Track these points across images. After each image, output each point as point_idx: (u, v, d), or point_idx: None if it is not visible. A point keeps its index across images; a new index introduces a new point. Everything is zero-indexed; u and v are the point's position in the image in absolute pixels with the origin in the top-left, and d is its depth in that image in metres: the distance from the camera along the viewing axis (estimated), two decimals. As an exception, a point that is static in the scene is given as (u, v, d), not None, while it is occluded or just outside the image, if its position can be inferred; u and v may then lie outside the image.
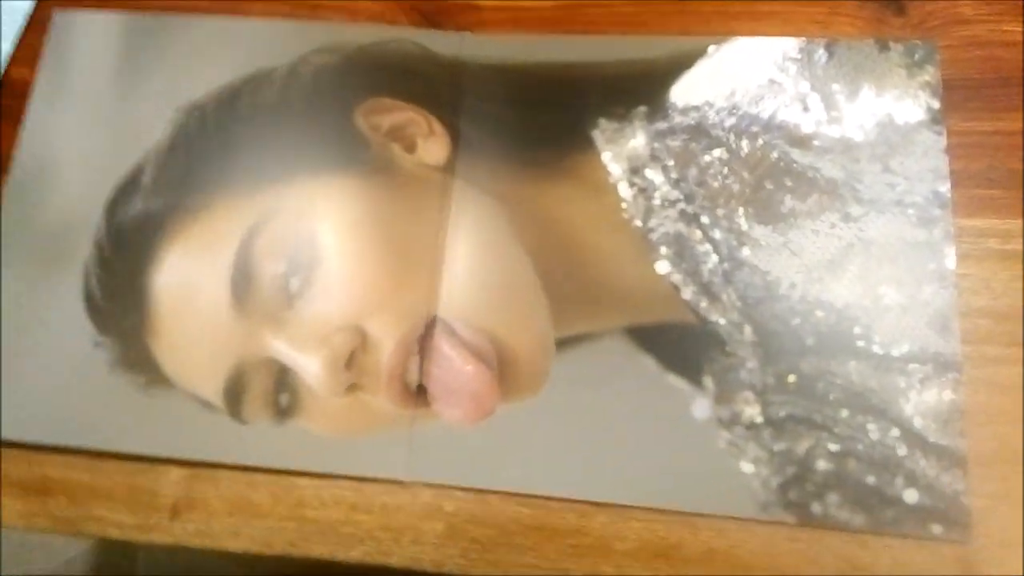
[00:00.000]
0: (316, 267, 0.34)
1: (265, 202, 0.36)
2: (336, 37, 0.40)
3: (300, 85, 0.39)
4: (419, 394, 0.34)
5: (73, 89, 0.40)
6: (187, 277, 0.35)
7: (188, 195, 0.37)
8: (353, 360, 0.34)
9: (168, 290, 0.35)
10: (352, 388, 0.34)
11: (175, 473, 0.34)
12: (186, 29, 0.41)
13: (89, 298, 0.37)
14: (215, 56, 0.40)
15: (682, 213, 0.35)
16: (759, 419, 0.32)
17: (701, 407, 0.32)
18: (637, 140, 0.36)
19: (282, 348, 0.34)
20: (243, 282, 0.34)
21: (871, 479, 0.31)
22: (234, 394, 0.34)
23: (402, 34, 0.40)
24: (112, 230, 0.37)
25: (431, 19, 0.40)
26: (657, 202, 0.35)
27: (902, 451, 0.31)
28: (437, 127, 0.38)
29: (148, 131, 0.38)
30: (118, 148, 0.38)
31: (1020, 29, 0.36)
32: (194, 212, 0.36)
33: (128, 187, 0.38)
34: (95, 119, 0.39)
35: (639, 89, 0.37)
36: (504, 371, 0.33)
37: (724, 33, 0.38)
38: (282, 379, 0.34)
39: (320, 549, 0.33)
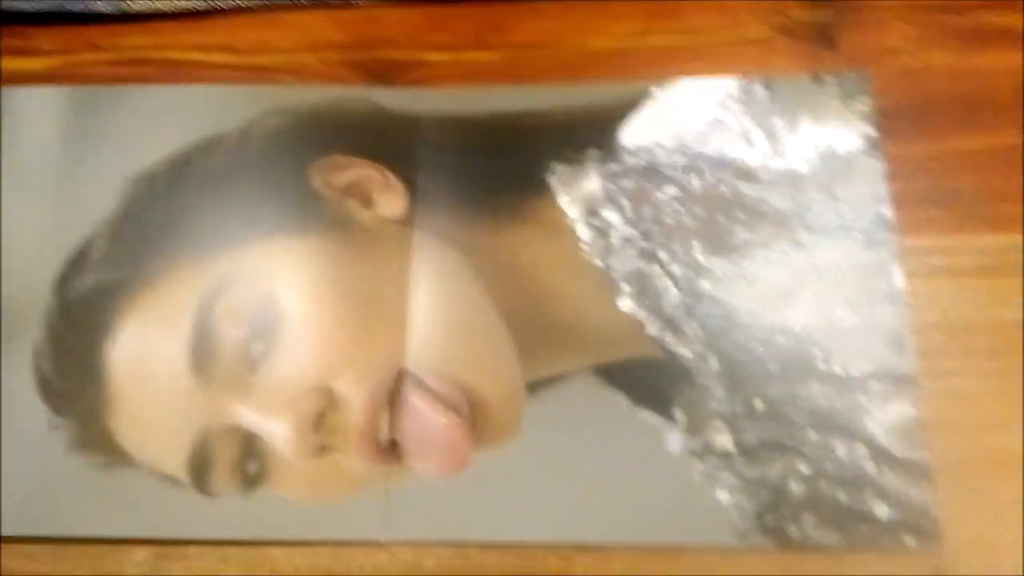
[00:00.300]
0: (278, 330, 0.34)
1: (222, 267, 0.36)
2: (287, 99, 0.40)
3: (253, 148, 0.39)
4: (392, 450, 0.33)
5: (17, 165, 0.40)
6: (144, 349, 0.35)
7: (141, 266, 0.36)
8: (322, 421, 0.33)
9: (125, 364, 0.35)
10: (323, 450, 0.33)
11: (141, 554, 0.33)
12: (133, 99, 0.41)
13: (42, 380, 0.35)
14: (164, 125, 0.40)
15: (641, 251, 0.36)
16: (731, 447, 0.32)
17: (674, 440, 0.33)
18: (592, 182, 0.37)
19: (247, 414, 0.33)
20: (203, 349, 0.34)
21: (843, 497, 0.31)
22: (199, 467, 0.33)
23: (354, 93, 0.40)
24: (63, 307, 0.36)
25: (381, 77, 0.41)
26: (615, 241, 0.36)
27: (870, 468, 0.31)
28: (393, 180, 0.38)
29: (97, 204, 0.38)
30: (67, 223, 0.38)
31: (945, 56, 0.39)
32: (148, 282, 0.36)
33: (78, 261, 0.37)
34: (42, 195, 0.39)
35: (590, 133, 0.38)
36: (476, 419, 0.33)
37: (666, 75, 0.39)
38: (249, 447, 0.33)
39: (300, 619, 0.32)
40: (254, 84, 0.41)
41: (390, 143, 0.39)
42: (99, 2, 0.43)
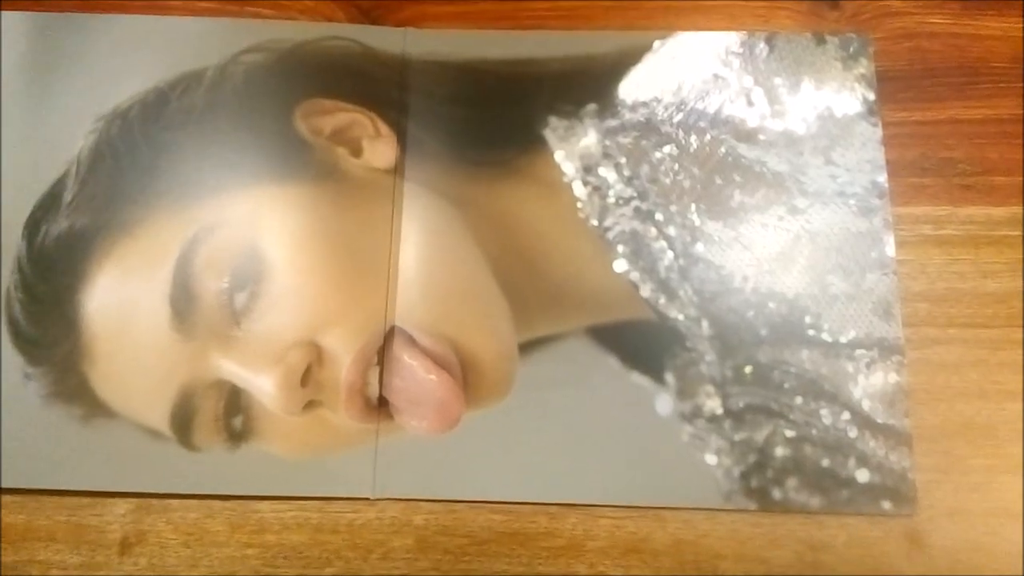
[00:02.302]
0: (263, 281, 0.33)
1: (203, 214, 0.34)
2: (268, 34, 0.38)
3: (232, 87, 0.36)
4: (381, 407, 0.33)
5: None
6: (122, 298, 0.33)
7: (117, 210, 0.34)
8: (309, 376, 0.32)
9: (102, 313, 0.33)
10: (310, 405, 0.33)
11: (122, 506, 0.33)
12: (104, 28, 0.38)
13: (14, 327, 0.34)
14: (137, 57, 0.37)
15: (637, 211, 0.35)
16: (719, 411, 0.33)
17: (664, 403, 0.33)
18: (589, 138, 0.36)
19: (232, 368, 0.32)
20: (184, 300, 0.32)
21: (826, 462, 0.32)
22: (183, 420, 0.33)
23: (340, 31, 0.38)
24: (34, 252, 0.34)
25: (370, 15, 0.39)
26: (612, 200, 0.35)
27: (853, 433, 0.32)
28: (383, 128, 0.36)
29: (67, 141, 0.35)
30: (35, 162, 0.35)
31: (946, 21, 0.38)
32: (125, 228, 0.34)
33: (49, 204, 0.35)
34: (7, 130, 0.36)
35: (588, 86, 0.37)
36: (468, 378, 0.33)
37: (668, 28, 0.38)
38: (234, 401, 0.33)
39: (287, 572, 0.32)
40: (233, 16, 0.38)
41: (379, 87, 0.37)
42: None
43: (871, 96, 0.36)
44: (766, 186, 0.35)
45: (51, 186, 0.35)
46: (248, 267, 0.33)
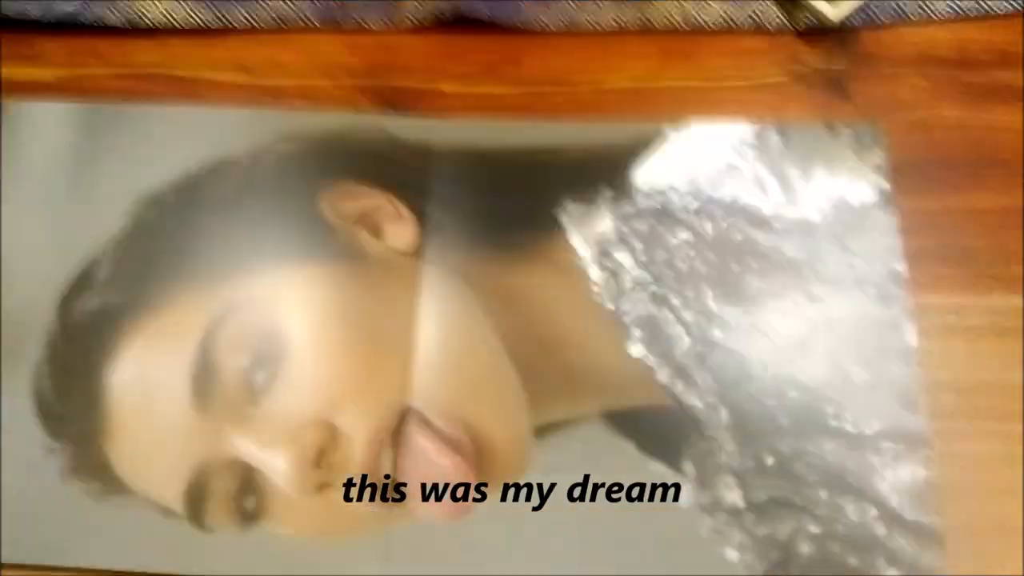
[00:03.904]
0: (282, 360, 0.33)
1: (228, 294, 0.35)
2: (300, 125, 0.39)
3: (264, 173, 0.38)
4: (394, 491, 0.33)
5: (25, 182, 0.39)
6: (146, 375, 0.34)
7: (147, 289, 0.35)
8: (323, 457, 0.32)
9: (125, 389, 0.34)
10: (323, 487, 0.32)
11: (131, 587, 0.32)
12: (143, 118, 0.40)
13: (40, 401, 0.34)
14: (174, 145, 0.39)
15: (653, 295, 0.35)
16: (741, 504, 0.32)
17: (684, 494, 0.32)
18: (604, 223, 0.37)
19: (247, 447, 0.33)
20: (205, 378, 0.33)
21: (853, 560, 0.31)
22: (196, 499, 0.32)
23: (367, 120, 0.40)
24: (65, 327, 0.35)
25: (395, 104, 0.41)
26: (628, 284, 0.35)
27: (881, 531, 0.31)
28: (405, 211, 0.37)
29: (104, 224, 0.37)
30: (72, 242, 0.37)
31: (957, 112, 0.39)
32: (153, 307, 0.35)
33: (83, 282, 0.36)
34: (48, 213, 0.38)
35: (603, 173, 0.38)
36: (481, 462, 0.32)
37: (680, 117, 0.39)
38: (247, 481, 0.33)
39: (291, 664, 0.31)
40: (266, 107, 0.41)
41: (402, 173, 0.38)
42: (109, 13, 0.42)
43: (885, 185, 0.37)
44: (782, 273, 0.35)
45: (86, 265, 0.37)
46: (269, 346, 0.33)
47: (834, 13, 0.40)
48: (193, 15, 0.42)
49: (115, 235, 0.37)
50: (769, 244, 0.36)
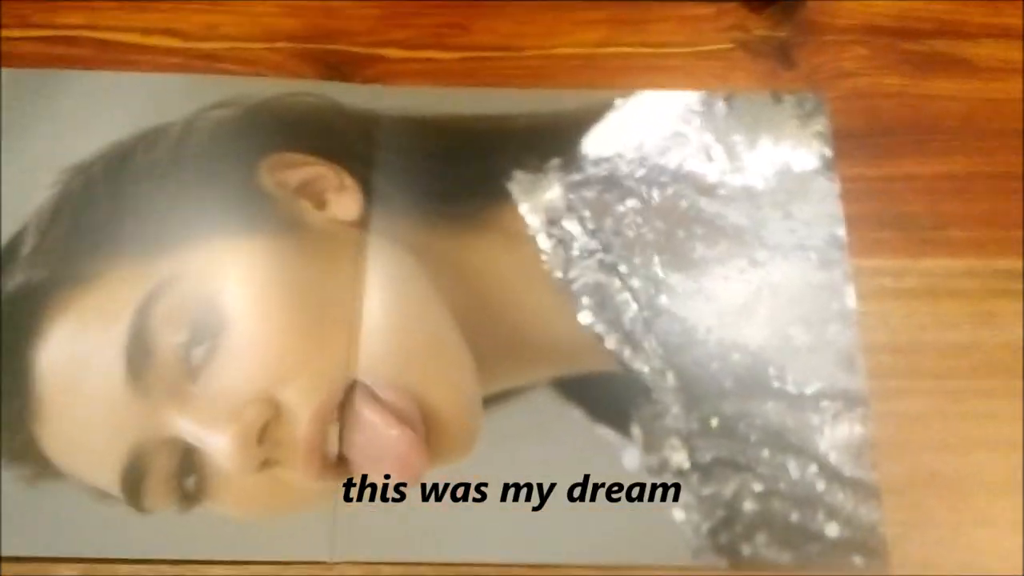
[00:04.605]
0: (221, 335, 0.32)
1: (163, 268, 0.34)
2: (236, 90, 0.38)
3: (198, 141, 0.37)
4: (340, 465, 0.32)
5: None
6: (76, 353, 0.32)
7: (75, 264, 0.34)
8: (266, 433, 0.31)
9: (55, 369, 0.32)
10: (266, 464, 0.32)
11: (69, 572, 0.31)
12: (70, 84, 0.38)
13: None
14: (104, 113, 0.37)
15: (600, 263, 0.35)
16: (686, 465, 0.32)
17: (631, 457, 0.32)
18: (553, 191, 0.36)
19: (186, 426, 0.31)
20: (140, 355, 0.32)
21: (795, 516, 0.31)
22: (133, 481, 0.31)
23: (308, 87, 0.39)
24: (-12, 305, 0.33)
25: (337, 70, 0.39)
26: (576, 253, 0.35)
27: (821, 487, 0.32)
28: (348, 181, 0.36)
29: (29, 195, 0.35)
30: (-6, 214, 0.35)
31: (899, 81, 0.39)
32: (83, 282, 0.33)
33: (6, 257, 0.34)
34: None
35: (552, 141, 0.37)
36: (431, 433, 0.32)
37: (629, 87, 0.39)
38: (187, 460, 0.32)
39: (238, 641, 0.30)
40: (200, 72, 0.39)
41: (345, 141, 0.37)
42: (30, -26, 0.40)
43: (828, 152, 0.37)
44: (727, 239, 0.36)
45: (10, 239, 0.35)
46: (207, 321, 0.32)
47: (778, -20, 0.40)
48: (121, -25, 0.40)
49: (40, 207, 0.35)
50: (714, 211, 0.36)
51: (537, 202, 0.36)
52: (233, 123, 0.37)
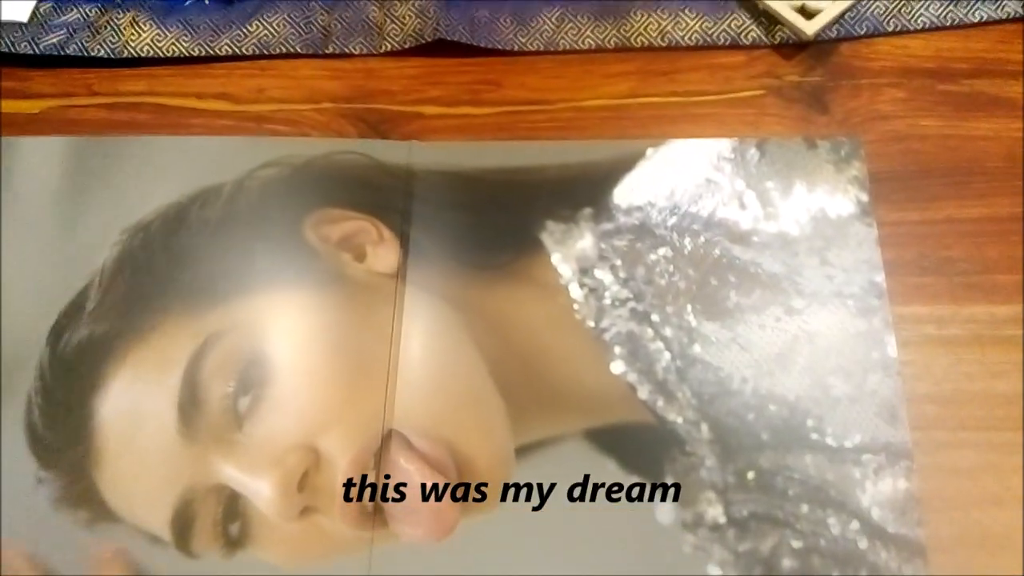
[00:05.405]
0: (266, 385, 0.34)
1: (213, 320, 0.35)
2: (284, 151, 0.40)
3: (247, 200, 0.39)
4: (376, 514, 0.33)
5: (18, 215, 0.39)
6: (133, 403, 0.34)
7: (134, 317, 0.36)
8: (306, 481, 0.33)
9: (114, 418, 0.34)
10: (306, 511, 0.33)
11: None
12: (131, 150, 0.41)
13: (31, 430, 0.35)
14: (161, 176, 0.40)
15: (633, 312, 0.35)
16: (722, 519, 0.32)
17: (665, 511, 0.32)
18: (585, 241, 0.37)
19: (231, 472, 0.33)
20: (191, 405, 0.33)
21: (836, 574, 0.31)
22: (182, 525, 0.33)
23: (350, 145, 0.40)
24: (55, 357, 0.36)
25: (377, 129, 0.41)
26: (608, 302, 0.36)
27: (863, 544, 0.31)
28: (387, 234, 0.38)
29: (94, 255, 0.38)
30: (64, 273, 0.37)
31: (936, 123, 0.39)
32: (141, 334, 0.35)
33: (73, 312, 0.37)
34: (41, 245, 0.39)
35: (584, 191, 0.38)
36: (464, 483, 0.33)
37: (660, 136, 0.39)
38: (232, 506, 0.33)
39: None
40: (250, 134, 0.41)
41: (384, 196, 0.39)
42: (98, 46, 0.43)
43: (864, 197, 0.37)
44: (762, 287, 0.35)
45: (76, 296, 0.37)
46: (253, 372, 0.34)
47: (809, 27, 0.40)
48: (178, 44, 0.43)
49: (103, 265, 0.37)
50: (748, 258, 0.36)
51: (569, 252, 0.37)
52: (280, 182, 0.39)
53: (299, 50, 0.43)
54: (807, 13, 0.41)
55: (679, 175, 0.38)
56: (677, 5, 0.42)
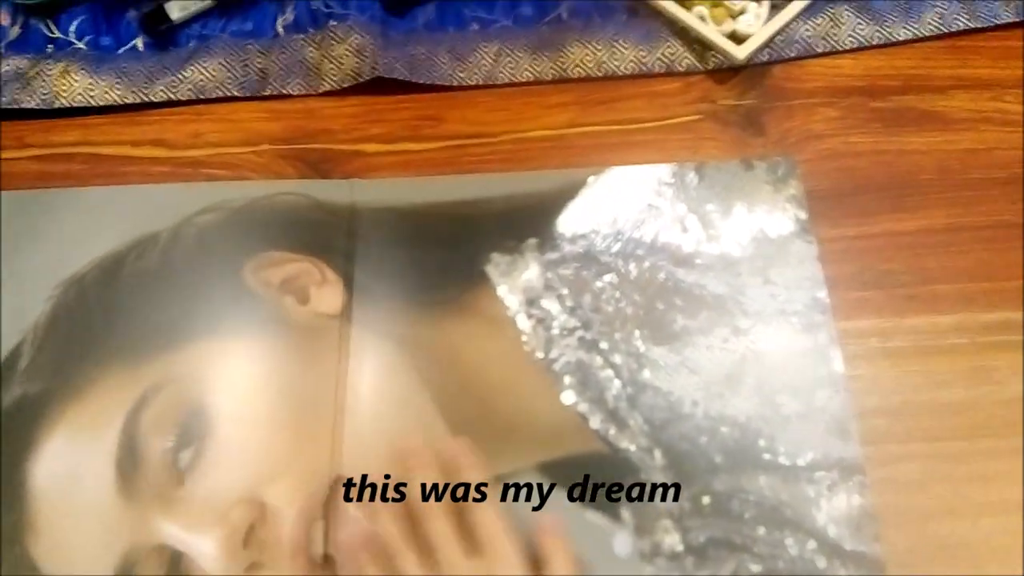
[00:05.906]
0: (208, 438, 0.33)
1: (152, 373, 0.34)
2: (222, 195, 0.39)
3: (185, 247, 0.38)
4: (326, 565, 0.32)
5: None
6: (69, 464, 0.33)
7: (68, 374, 0.34)
8: (252, 536, 0.31)
9: (48, 482, 0.33)
10: (252, 567, 0.31)
11: None
12: (65, 201, 0.40)
13: None
14: (97, 226, 0.38)
15: (581, 340, 0.35)
16: (679, 547, 0.31)
17: (622, 542, 0.31)
18: (530, 271, 0.37)
19: (173, 531, 0.32)
20: (129, 462, 0.32)
21: (797, 597, 0.30)
22: None
23: (289, 187, 0.40)
24: (-15, 421, 0.34)
25: (318, 168, 0.41)
26: (556, 332, 0.35)
27: (822, 563, 0.30)
28: (330, 275, 0.37)
29: (27, 311, 0.36)
30: (-5, 332, 0.36)
31: (869, 139, 0.40)
32: (77, 391, 0.34)
33: (6, 372, 0.35)
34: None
35: (528, 222, 0.38)
36: (416, 527, 0.32)
37: (602, 164, 0.39)
38: (175, 566, 0.31)
39: None
40: (187, 180, 0.40)
41: (326, 236, 0.38)
42: (28, 97, 0.42)
43: (803, 215, 0.37)
44: (708, 309, 0.35)
45: (8, 355, 0.36)
46: (194, 424, 0.33)
47: (740, 51, 0.41)
48: (111, 92, 0.43)
49: (36, 322, 0.36)
50: (692, 281, 0.36)
51: (515, 283, 0.37)
52: (218, 227, 0.38)
53: (236, 93, 0.43)
54: (738, 38, 0.41)
55: (621, 202, 0.38)
56: (611, 36, 0.42)
